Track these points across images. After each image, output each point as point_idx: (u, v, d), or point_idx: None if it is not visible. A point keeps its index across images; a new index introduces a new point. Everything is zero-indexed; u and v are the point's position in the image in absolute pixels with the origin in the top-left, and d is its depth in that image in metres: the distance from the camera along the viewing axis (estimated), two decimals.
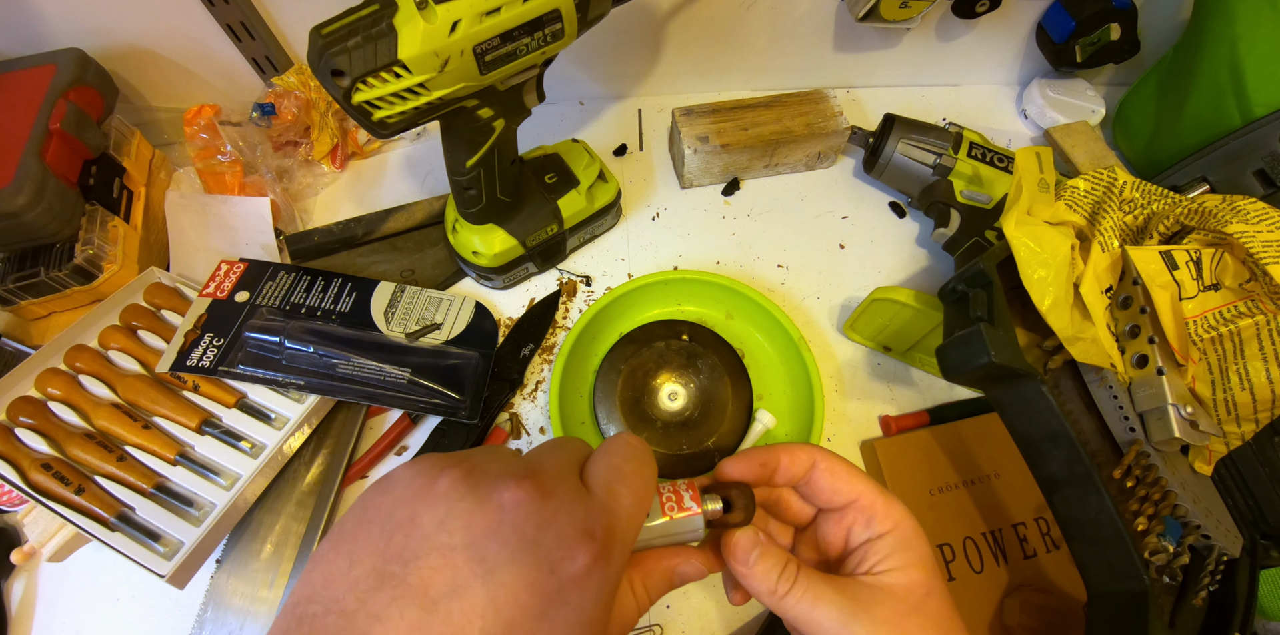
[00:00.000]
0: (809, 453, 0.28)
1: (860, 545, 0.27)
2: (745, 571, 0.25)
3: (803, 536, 0.30)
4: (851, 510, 0.27)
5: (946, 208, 0.58)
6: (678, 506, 0.25)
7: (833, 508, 0.28)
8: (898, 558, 0.26)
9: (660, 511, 0.25)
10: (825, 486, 0.27)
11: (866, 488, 0.27)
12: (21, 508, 0.47)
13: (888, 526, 0.26)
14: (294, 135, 0.63)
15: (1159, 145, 0.60)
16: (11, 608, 0.48)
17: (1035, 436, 0.37)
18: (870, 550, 0.26)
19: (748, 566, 0.25)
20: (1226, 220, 0.38)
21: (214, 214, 0.59)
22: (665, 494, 0.26)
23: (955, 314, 0.42)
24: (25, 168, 0.49)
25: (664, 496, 0.26)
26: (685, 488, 0.26)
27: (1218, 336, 0.38)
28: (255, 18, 0.59)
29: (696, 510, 0.25)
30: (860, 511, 0.27)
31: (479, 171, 0.47)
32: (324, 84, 0.36)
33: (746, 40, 0.66)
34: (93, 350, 0.51)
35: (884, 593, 0.25)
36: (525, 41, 0.37)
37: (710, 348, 0.54)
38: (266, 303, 0.54)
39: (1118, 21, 0.59)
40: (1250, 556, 0.40)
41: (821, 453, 0.28)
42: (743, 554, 0.26)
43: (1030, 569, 0.46)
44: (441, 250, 0.60)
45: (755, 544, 0.26)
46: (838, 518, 0.28)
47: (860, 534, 0.27)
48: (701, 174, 0.64)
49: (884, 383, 0.56)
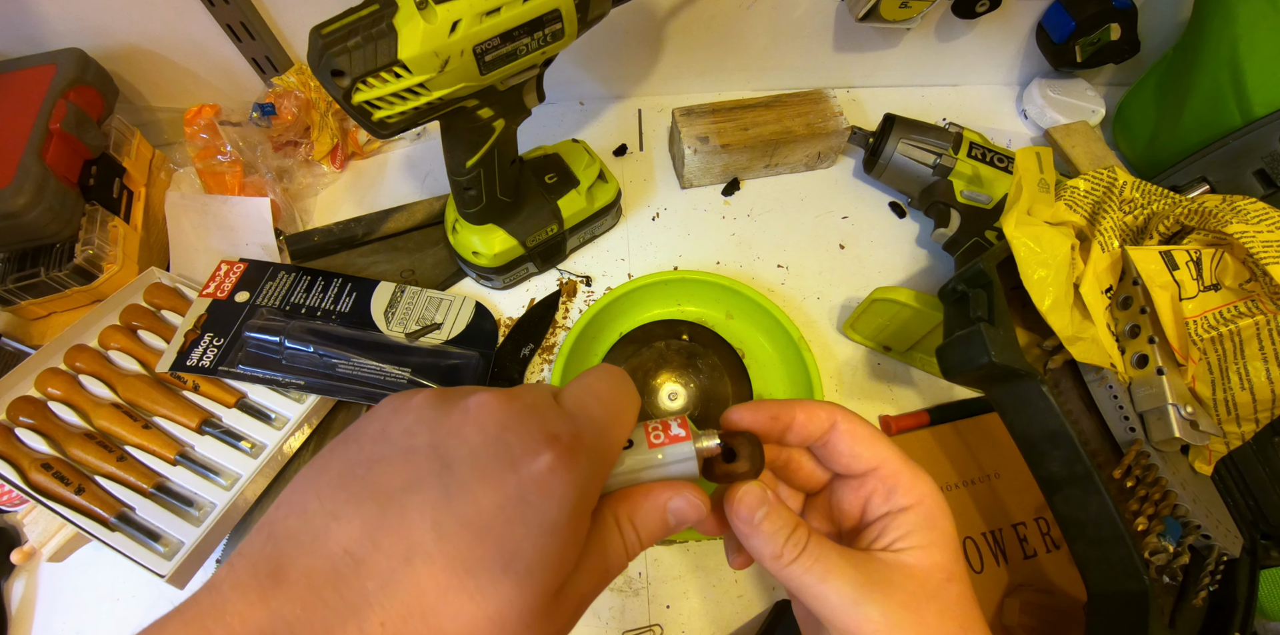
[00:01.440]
0: (829, 411, 0.25)
1: (879, 518, 0.24)
2: (749, 530, 0.23)
3: (813, 503, 0.28)
4: (872, 479, 0.24)
5: (946, 208, 0.58)
6: (664, 435, 0.23)
7: (851, 475, 0.25)
8: (920, 536, 0.23)
9: (645, 442, 0.23)
10: (845, 451, 0.25)
11: (891, 455, 0.24)
12: (21, 508, 0.47)
13: (911, 500, 0.24)
14: (294, 135, 0.63)
15: (1159, 145, 0.60)
16: (11, 608, 0.48)
17: (1035, 436, 0.37)
18: (890, 525, 0.24)
19: (752, 525, 0.23)
20: (1226, 220, 0.38)
21: (214, 214, 0.59)
22: (651, 426, 0.24)
23: (955, 314, 0.42)
24: (25, 168, 0.49)
25: (650, 428, 0.24)
26: (675, 419, 0.24)
27: (1218, 336, 0.38)
28: (255, 18, 0.59)
29: (684, 435, 0.23)
30: (881, 481, 0.24)
31: (479, 171, 0.47)
32: (324, 84, 0.36)
33: (746, 40, 0.66)
34: (93, 350, 0.51)
35: (902, 573, 0.22)
36: (525, 41, 0.37)
37: (710, 348, 0.54)
38: (266, 303, 0.54)
39: (1118, 21, 0.59)
40: (1250, 556, 0.40)
41: (843, 413, 0.25)
42: (747, 511, 0.23)
43: (1030, 569, 0.46)
44: (441, 250, 0.60)
45: (763, 501, 0.23)
46: (856, 486, 0.25)
47: (879, 506, 0.24)
48: (701, 174, 0.64)
49: (884, 383, 0.56)
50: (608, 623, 0.46)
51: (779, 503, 0.23)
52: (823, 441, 0.25)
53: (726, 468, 0.24)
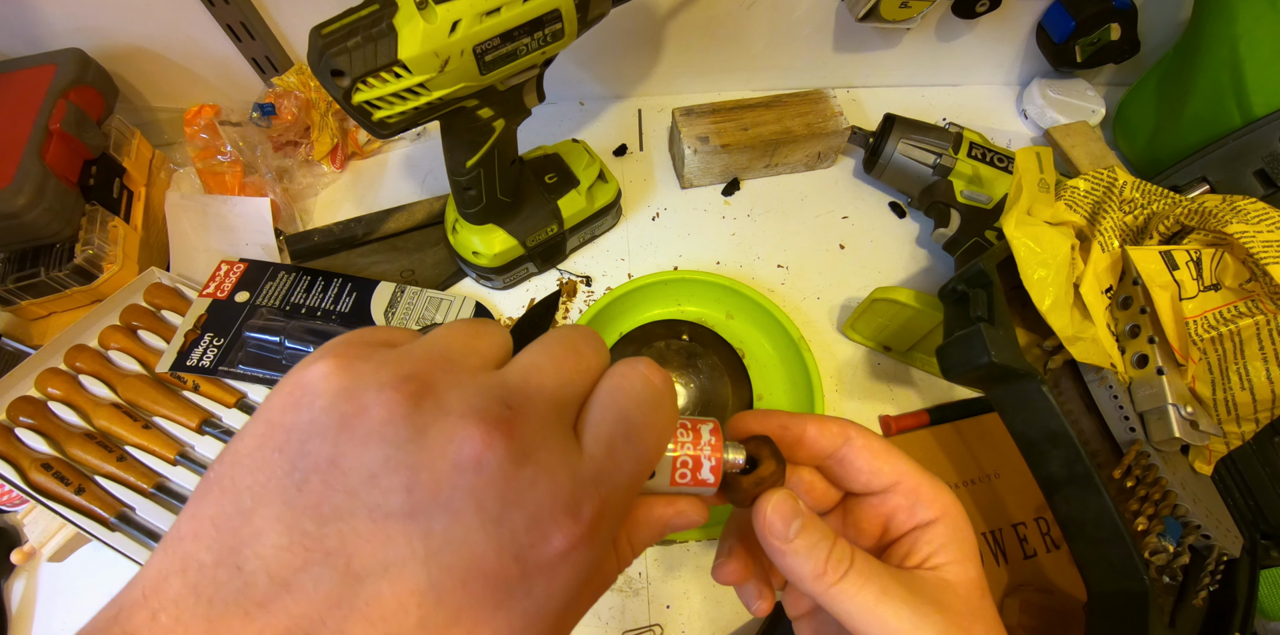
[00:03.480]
0: (841, 425, 0.23)
1: (905, 534, 0.22)
2: (782, 547, 0.20)
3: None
4: (894, 494, 0.23)
5: (946, 208, 0.58)
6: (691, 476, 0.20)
7: (870, 492, 0.23)
8: (953, 550, 0.21)
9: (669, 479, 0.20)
10: (863, 466, 0.23)
11: (909, 468, 0.23)
12: (21, 508, 0.47)
13: (935, 513, 0.22)
14: (294, 135, 0.63)
15: (1159, 145, 0.60)
16: (11, 608, 0.48)
17: (1035, 436, 0.37)
18: (920, 540, 0.22)
19: (785, 540, 0.20)
20: (1226, 220, 0.38)
21: (214, 214, 0.59)
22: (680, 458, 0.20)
23: (955, 314, 0.42)
24: (25, 168, 0.49)
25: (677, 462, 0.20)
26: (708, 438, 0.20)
27: (1218, 336, 0.38)
28: (255, 18, 0.59)
29: (713, 482, 0.20)
30: (904, 496, 0.22)
31: (479, 171, 0.47)
32: (324, 84, 0.36)
33: (746, 40, 0.66)
34: (93, 350, 0.51)
35: (947, 591, 0.21)
36: (525, 41, 0.37)
37: (710, 348, 0.54)
38: (266, 303, 0.54)
39: (1118, 21, 0.59)
40: (1250, 556, 0.40)
41: (855, 427, 0.23)
42: (782, 522, 0.20)
43: (1030, 569, 0.46)
44: (441, 250, 0.60)
45: (797, 511, 0.20)
46: (876, 503, 0.23)
47: (904, 522, 0.22)
48: (701, 174, 0.64)
49: (884, 383, 0.56)
50: (608, 623, 0.46)
51: (812, 513, 0.21)
52: (837, 458, 0.23)
53: (748, 478, 0.21)
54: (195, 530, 0.14)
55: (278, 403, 0.15)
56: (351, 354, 0.16)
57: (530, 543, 0.15)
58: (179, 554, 0.14)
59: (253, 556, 0.14)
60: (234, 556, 0.14)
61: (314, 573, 0.13)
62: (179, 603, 0.13)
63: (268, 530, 0.14)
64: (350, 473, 0.14)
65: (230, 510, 0.14)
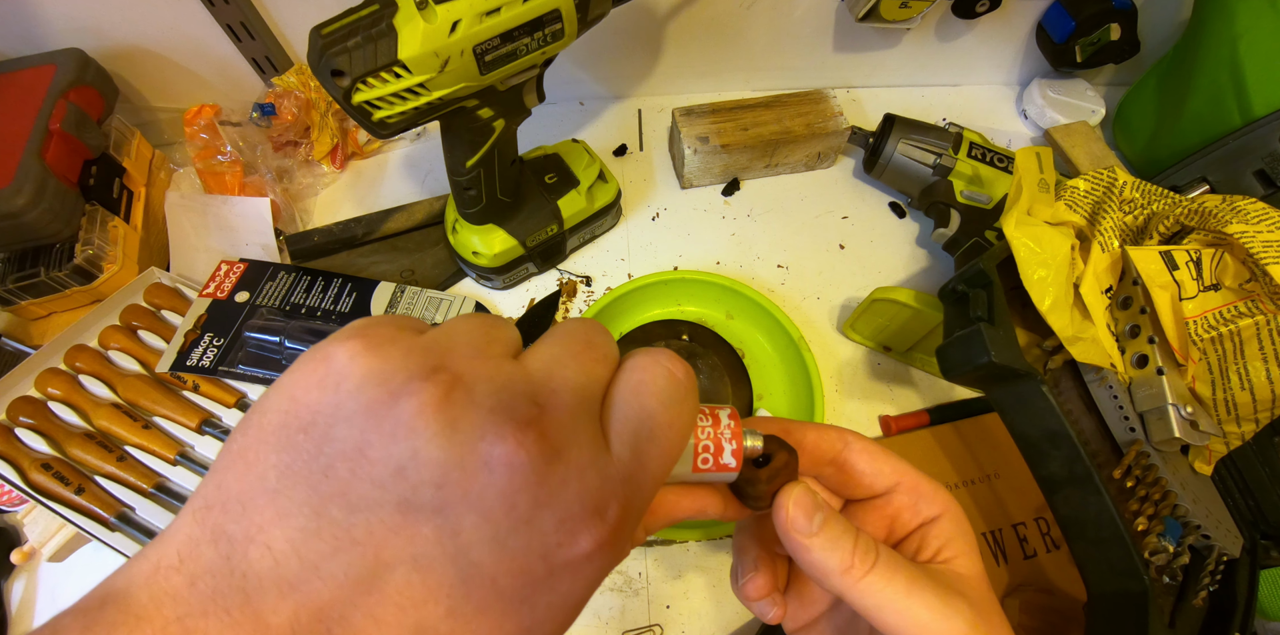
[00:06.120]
0: (838, 431, 0.23)
1: (912, 532, 0.23)
2: (806, 542, 0.20)
3: None
4: (897, 494, 0.23)
5: (946, 208, 0.58)
6: (714, 460, 0.20)
7: (874, 493, 0.24)
8: (960, 543, 0.22)
9: (691, 465, 0.20)
10: (865, 468, 0.23)
11: (907, 468, 0.23)
12: (21, 508, 0.47)
13: (938, 509, 0.23)
14: (294, 135, 0.63)
15: (1159, 145, 0.60)
16: (11, 608, 0.48)
17: (1035, 436, 0.37)
18: (929, 535, 0.22)
19: (809, 534, 0.20)
20: (1226, 220, 0.38)
21: (214, 214, 0.59)
22: (703, 443, 0.20)
23: (955, 314, 0.42)
24: (25, 168, 0.49)
25: (699, 449, 0.20)
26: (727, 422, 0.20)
27: (1218, 336, 0.38)
28: (255, 18, 0.59)
29: (735, 466, 0.20)
30: (906, 495, 0.23)
31: (479, 171, 0.47)
32: (324, 84, 0.36)
33: (746, 40, 0.66)
34: (93, 350, 0.51)
35: (964, 583, 0.21)
36: (525, 41, 0.38)
37: (710, 348, 0.54)
38: (266, 303, 0.54)
39: (1118, 21, 0.59)
40: (1250, 556, 0.40)
41: (852, 432, 0.24)
42: (805, 516, 0.20)
43: (1030, 569, 0.46)
44: (441, 250, 0.60)
45: (817, 506, 0.20)
46: (880, 505, 0.23)
47: (910, 520, 0.23)
48: (701, 174, 0.64)
49: (884, 383, 0.56)
50: (608, 623, 0.46)
51: (832, 507, 0.21)
52: (838, 463, 0.23)
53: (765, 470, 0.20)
54: (222, 501, 0.14)
55: (301, 379, 0.15)
56: (381, 336, 0.16)
57: (558, 542, 0.15)
58: (208, 524, 0.14)
59: (281, 538, 0.14)
60: (263, 535, 0.14)
61: (343, 559, 0.14)
62: (214, 573, 0.14)
63: (295, 513, 0.14)
64: (378, 463, 0.14)
65: (256, 488, 0.14)
